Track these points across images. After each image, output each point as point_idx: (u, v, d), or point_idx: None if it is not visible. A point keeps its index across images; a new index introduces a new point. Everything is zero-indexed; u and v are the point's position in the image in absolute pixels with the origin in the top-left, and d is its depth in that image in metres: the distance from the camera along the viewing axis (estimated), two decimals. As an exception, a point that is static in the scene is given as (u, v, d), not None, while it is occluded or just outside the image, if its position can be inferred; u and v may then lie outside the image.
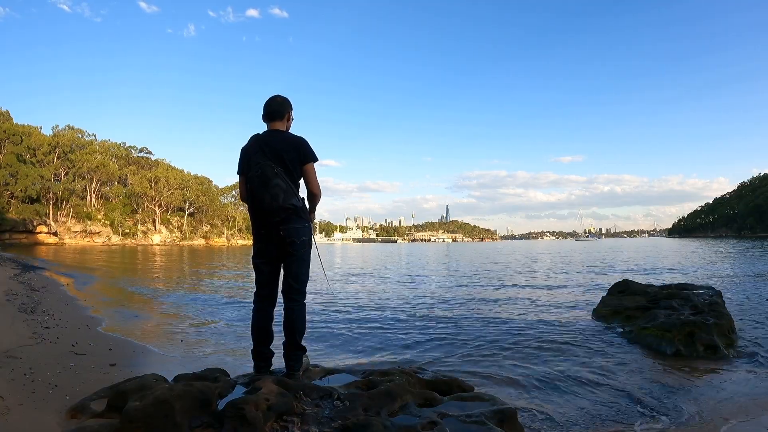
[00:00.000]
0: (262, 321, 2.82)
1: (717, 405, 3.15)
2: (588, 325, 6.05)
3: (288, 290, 2.77)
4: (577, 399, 3.31)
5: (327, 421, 2.16)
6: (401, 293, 10.22)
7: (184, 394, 2.14)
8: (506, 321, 6.42)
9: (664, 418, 2.94)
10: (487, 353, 4.60)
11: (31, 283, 9.52)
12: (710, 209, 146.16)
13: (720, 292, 6.13)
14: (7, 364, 3.35)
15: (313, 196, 2.83)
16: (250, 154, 2.73)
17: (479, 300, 8.85)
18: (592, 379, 3.72)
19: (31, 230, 58.23)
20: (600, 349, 4.72)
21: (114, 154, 78.05)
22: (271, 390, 2.26)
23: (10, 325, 4.87)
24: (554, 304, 8.01)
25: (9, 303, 6.38)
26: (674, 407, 3.11)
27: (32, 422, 2.37)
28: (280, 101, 2.85)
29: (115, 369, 3.61)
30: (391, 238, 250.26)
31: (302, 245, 2.74)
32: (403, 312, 7.37)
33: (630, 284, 6.86)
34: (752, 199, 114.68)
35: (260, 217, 2.68)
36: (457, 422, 2.20)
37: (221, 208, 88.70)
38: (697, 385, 3.58)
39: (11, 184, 57.97)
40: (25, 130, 62.95)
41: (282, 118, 2.83)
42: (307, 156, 2.76)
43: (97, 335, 4.96)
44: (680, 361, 4.25)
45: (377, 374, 2.85)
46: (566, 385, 3.58)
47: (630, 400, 3.27)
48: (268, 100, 2.85)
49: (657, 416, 2.97)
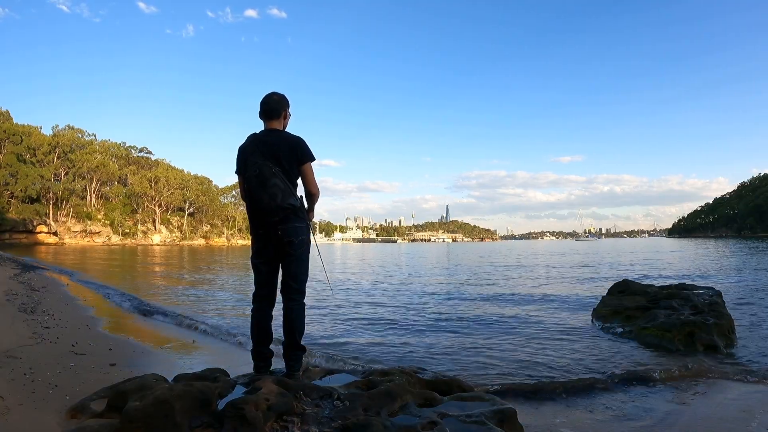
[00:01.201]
0: (261, 321, 2.81)
1: (716, 401, 3.15)
2: (588, 325, 6.05)
3: (287, 290, 2.77)
4: (574, 395, 3.31)
5: (327, 421, 2.16)
6: (401, 293, 10.22)
7: (184, 394, 2.14)
8: (506, 320, 6.43)
9: (660, 409, 2.94)
10: (486, 352, 4.61)
11: (31, 283, 9.52)
12: (710, 209, 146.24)
13: (720, 292, 6.13)
14: (7, 364, 3.35)
15: (311, 195, 2.83)
16: (247, 154, 2.73)
17: (479, 299, 8.85)
18: (590, 377, 3.71)
19: (31, 230, 58.27)
20: (600, 348, 4.72)
21: (114, 154, 78.10)
22: (271, 390, 2.26)
23: (10, 325, 4.87)
24: (554, 304, 8.02)
25: (9, 303, 6.39)
26: (670, 398, 3.11)
27: (32, 422, 2.37)
28: (277, 99, 2.83)
29: (115, 369, 3.60)
30: (391, 238, 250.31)
31: (300, 244, 2.73)
32: (403, 312, 7.37)
33: (630, 284, 6.86)
34: (752, 199, 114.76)
35: (259, 216, 2.68)
36: (457, 422, 2.20)
37: (221, 208, 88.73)
38: (696, 384, 3.58)
39: (11, 184, 58.01)
40: (25, 130, 62.99)
41: (279, 116, 2.82)
42: (305, 156, 2.75)
43: (97, 335, 4.96)
44: (680, 360, 4.25)
45: (377, 374, 2.85)
46: (564, 383, 3.57)
47: (629, 396, 3.28)
48: (264, 98, 2.83)
49: (656, 413, 2.97)
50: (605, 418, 2.95)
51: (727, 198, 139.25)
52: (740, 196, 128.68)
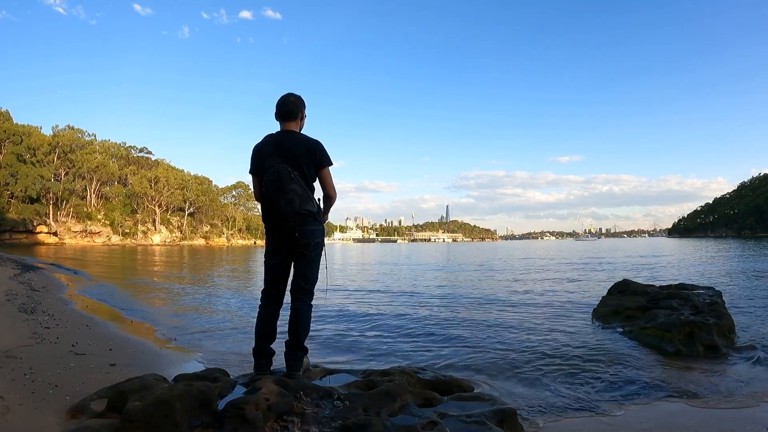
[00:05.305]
0: (267, 319, 2.82)
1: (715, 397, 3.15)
2: (587, 325, 6.05)
3: (297, 290, 2.78)
4: (574, 394, 3.32)
5: (327, 421, 2.16)
6: (401, 293, 10.22)
7: (184, 394, 2.14)
8: (506, 320, 6.42)
9: (660, 409, 2.94)
10: (485, 352, 4.60)
11: (31, 283, 9.51)
12: (710, 209, 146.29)
13: (720, 292, 6.12)
14: (7, 364, 3.35)
15: (329, 198, 2.84)
16: (263, 155, 2.72)
17: (479, 299, 8.85)
18: (591, 377, 3.72)
19: (31, 230, 58.30)
20: (599, 348, 4.71)
21: (114, 154, 78.10)
22: (271, 390, 2.26)
23: (10, 325, 4.87)
24: (554, 304, 8.01)
25: (9, 303, 6.38)
26: (671, 398, 3.11)
27: (32, 422, 2.37)
28: (293, 100, 2.81)
29: (115, 369, 3.60)
30: (391, 238, 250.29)
31: (316, 247, 2.75)
32: (403, 312, 7.37)
33: (630, 284, 6.85)
34: (752, 199, 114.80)
35: (275, 220, 2.68)
36: (457, 422, 2.21)
37: (221, 208, 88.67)
38: (696, 382, 3.58)
39: (11, 184, 58.01)
40: (25, 130, 62.96)
41: (296, 117, 2.81)
42: (324, 159, 2.75)
43: (97, 335, 4.95)
44: (680, 360, 4.25)
45: (377, 374, 2.85)
46: (565, 383, 3.58)
47: (628, 394, 3.28)
48: (281, 99, 2.81)
49: (653, 408, 2.97)
50: (608, 421, 2.95)
51: (727, 198, 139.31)
52: (740, 196, 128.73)
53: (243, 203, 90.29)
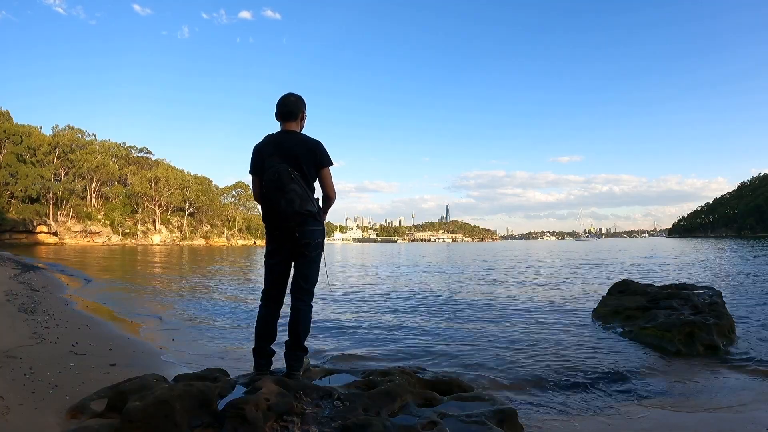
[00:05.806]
0: (267, 319, 2.82)
1: (714, 396, 3.15)
2: (588, 324, 6.05)
3: (297, 290, 2.78)
4: (574, 394, 3.32)
5: (327, 421, 2.16)
6: (401, 293, 10.22)
7: (184, 394, 2.14)
8: (506, 321, 6.43)
9: (660, 409, 2.94)
10: (485, 352, 4.60)
11: (31, 283, 9.51)
12: (710, 209, 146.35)
13: (720, 292, 6.12)
14: (7, 364, 3.35)
15: (328, 198, 2.83)
16: (264, 155, 2.71)
17: (479, 299, 8.84)
18: (591, 377, 3.72)
19: (31, 230, 58.28)
20: (599, 348, 4.72)
21: (114, 154, 78.08)
22: (271, 390, 2.26)
23: (11, 325, 4.87)
24: (554, 304, 8.01)
25: (9, 303, 6.38)
26: (671, 398, 3.11)
27: (32, 422, 2.37)
28: (294, 100, 2.80)
29: (115, 369, 3.60)
30: (391, 238, 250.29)
31: (316, 247, 2.75)
32: (403, 312, 7.37)
33: (630, 284, 6.85)
34: (752, 199, 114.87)
35: (275, 219, 2.68)
36: (457, 422, 2.20)
37: (221, 208, 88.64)
38: (696, 382, 3.58)
39: (11, 184, 58.01)
40: (25, 130, 62.95)
41: (296, 117, 2.80)
42: (324, 160, 2.74)
43: (97, 335, 4.95)
44: (680, 360, 4.25)
45: (377, 374, 2.84)
46: (565, 383, 3.58)
47: (628, 394, 3.28)
48: (281, 99, 2.81)
49: (653, 407, 2.97)
50: (606, 420, 2.95)
51: (727, 198, 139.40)
52: (740, 196, 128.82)
53: (243, 203, 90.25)
